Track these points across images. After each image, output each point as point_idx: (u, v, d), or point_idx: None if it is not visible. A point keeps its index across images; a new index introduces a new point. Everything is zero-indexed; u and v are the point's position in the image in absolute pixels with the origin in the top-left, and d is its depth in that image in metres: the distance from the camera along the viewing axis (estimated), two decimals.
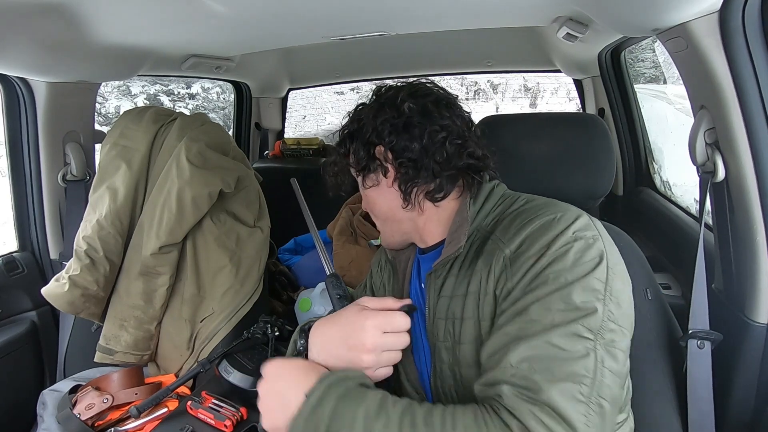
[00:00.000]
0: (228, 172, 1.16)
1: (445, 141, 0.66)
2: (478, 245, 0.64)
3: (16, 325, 1.21)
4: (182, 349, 1.12)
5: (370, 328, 0.61)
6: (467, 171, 0.68)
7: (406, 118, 0.67)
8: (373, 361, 0.60)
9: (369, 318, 0.61)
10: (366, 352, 0.60)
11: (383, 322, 0.62)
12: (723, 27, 0.72)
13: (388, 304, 0.65)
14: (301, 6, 1.01)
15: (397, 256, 0.80)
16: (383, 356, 0.61)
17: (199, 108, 6.11)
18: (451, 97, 0.72)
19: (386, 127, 0.67)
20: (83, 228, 1.11)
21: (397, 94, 0.69)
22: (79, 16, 0.91)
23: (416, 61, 2.22)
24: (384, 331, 0.61)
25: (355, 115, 0.73)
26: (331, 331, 0.64)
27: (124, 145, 1.15)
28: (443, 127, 0.67)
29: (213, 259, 1.14)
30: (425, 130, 0.66)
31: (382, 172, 0.70)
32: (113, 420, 0.97)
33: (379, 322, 0.61)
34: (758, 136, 0.74)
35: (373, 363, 0.61)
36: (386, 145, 0.68)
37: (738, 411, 0.81)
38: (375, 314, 0.62)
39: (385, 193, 0.71)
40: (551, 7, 1.10)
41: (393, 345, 0.62)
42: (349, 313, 0.64)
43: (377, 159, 0.69)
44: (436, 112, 0.67)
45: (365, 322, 0.61)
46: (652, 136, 1.67)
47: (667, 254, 1.33)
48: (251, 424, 0.89)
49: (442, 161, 0.66)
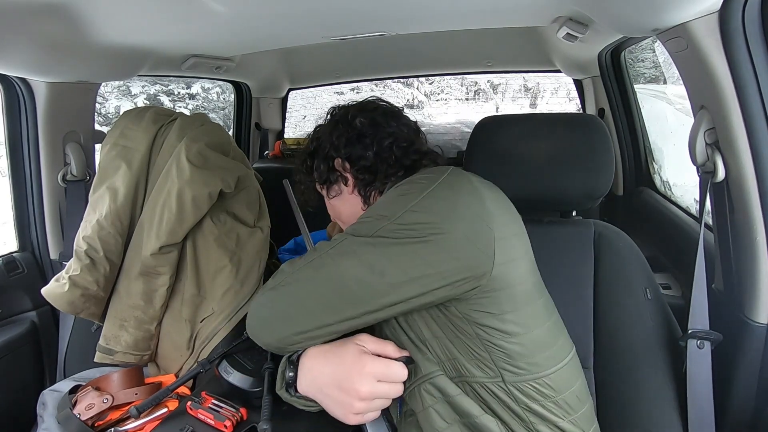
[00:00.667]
0: (228, 172, 1.16)
1: (392, 146, 0.75)
2: None
3: (16, 325, 1.21)
4: (182, 350, 1.12)
5: (367, 375, 0.60)
6: (415, 168, 0.75)
7: (359, 131, 0.76)
8: (365, 407, 0.61)
9: (368, 365, 0.61)
10: (359, 400, 0.60)
11: (381, 371, 0.61)
12: (723, 27, 0.72)
13: (388, 351, 0.64)
14: (301, 6, 1.01)
15: None
16: (374, 403, 0.61)
17: (199, 108, 6.11)
18: (397, 109, 0.82)
19: (342, 141, 0.77)
20: (83, 228, 1.11)
21: (348, 111, 0.80)
22: (79, 16, 0.91)
23: (416, 61, 2.22)
24: (380, 380, 0.61)
25: (313, 135, 0.83)
26: (325, 368, 0.63)
27: (124, 145, 1.15)
28: (390, 134, 0.76)
29: (213, 260, 1.14)
30: (375, 139, 0.75)
31: (342, 181, 0.79)
32: (113, 420, 0.97)
33: (378, 370, 0.61)
34: (758, 136, 0.74)
35: (364, 410, 0.61)
36: (343, 157, 0.77)
37: (738, 411, 0.81)
38: (374, 362, 0.61)
39: (348, 199, 0.79)
40: (551, 7, 1.10)
41: (386, 394, 0.62)
42: (348, 352, 0.63)
43: (337, 171, 0.79)
44: (383, 123, 0.77)
45: (363, 369, 0.60)
46: (652, 136, 1.67)
47: (667, 254, 1.33)
48: (251, 424, 0.89)
49: (393, 163, 0.75)
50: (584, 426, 0.66)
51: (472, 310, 0.61)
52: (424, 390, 0.65)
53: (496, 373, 0.62)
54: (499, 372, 0.62)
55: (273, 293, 0.67)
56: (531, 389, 0.62)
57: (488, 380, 0.62)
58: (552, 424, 0.63)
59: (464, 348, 0.63)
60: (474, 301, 0.61)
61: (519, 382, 0.62)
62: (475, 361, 0.63)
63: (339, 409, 0.62)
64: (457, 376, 0.64)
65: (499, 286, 0.60)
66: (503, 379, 0.62)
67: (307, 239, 0.97)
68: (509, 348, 0.61)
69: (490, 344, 0.61)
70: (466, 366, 0.63)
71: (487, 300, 0.60)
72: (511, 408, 0.63)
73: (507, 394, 0.62)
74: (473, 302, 0.61)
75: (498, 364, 0.62)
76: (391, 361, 0.62)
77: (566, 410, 0.64)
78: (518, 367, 0.62)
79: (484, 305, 0.61)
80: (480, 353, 0.62)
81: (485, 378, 0.63)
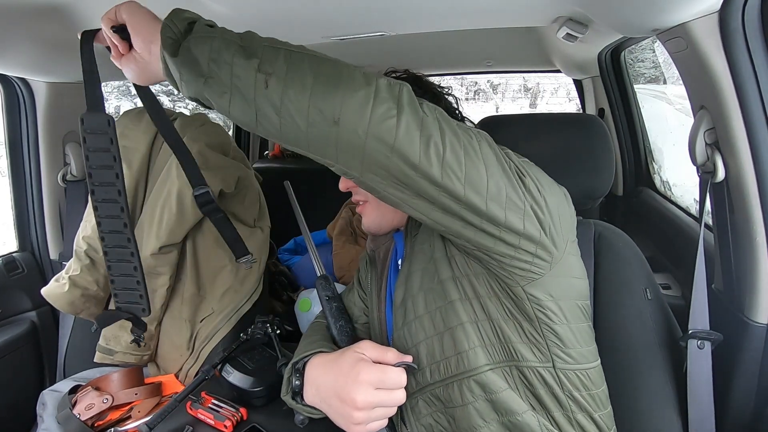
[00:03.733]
0: (228, 172, 1.16)
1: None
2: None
3: (16, 325, 1.21)
4: (182, 349, 1.12)
5: (363, 383, 0.59)
6: None
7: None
8: (364, 417, 0.59)
9: (362, 372, 0.60)
10: (356, 409, 0.59)
11: (377, 378, 0.60)
12: (723, 27, 0.72)
13: (388, 357, 0.63)
14: (301, 6, 1.01)
15: (376, 247, 0.80)
16: (375, 412, 0.60)
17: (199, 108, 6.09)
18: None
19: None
20: (83, 228, 1.11)
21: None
22: (79, 16, 0.91)
23: (416, 61, 2.21)
24: (377, 387, 0.59)
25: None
26: (326, 378, 0.63)
27: (124, 145, 1.14)
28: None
29: (213, 259, 1.14)
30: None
31: None
32: (113, 420, 0.97)
33: (374, 378, 0.60)
34: (758, 136, 0.74)
35: (364, 419, 0.59)
36: None
37: (738, 411, 0.81)
38: (369, 369, 0.60)
39: None
40: (551, 7, 1.10)
41: (385, 402, 0.60)
42: (346, 361, 0.62)
43: None
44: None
45: (358, 377, 0.59)
46: (652, 136, 1.67)
47: (667, 254, 1.33)
48: (251, 424, 0.89)
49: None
50: (609, 424, 0.68)
51: (537, 292, 0.61)
52: (466, 387, 0.64)
53: (548, 358, 0.63)
54: (551, 357, 0.62)
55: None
56: (576, 378, 0.64)
57: (539, 365, 0.63)
58: (588, 415, 0.65)
59: (519, 331, 0.63)
60: (541, 282, 0.61)
61: (567, 369, 0.63)
62: (529, 345, 0.63)
63: (341, 419, 0.61)
64: (506, 360, 0.63)
65: (561, 271, 0.62)
66: (554, 365, 0.63)
67: (307, 239, 0.97)
68: (564, 335, 0.62)
69: (548, 329, 0.62)
70: (519, 349, 0.63)
71: (552, 282, 0.61)
72: (556, 394, 0.63)
73: (555, 380, 0.63)
74: (539, 283, 0.61)
75: (551, 349, 0.62)
76: (388, 368, 0.61)
77: (598, 405, 0.66)
78: (568, 354, 0.63)
79: (549, 287, 0.61)
80: (536, 337, 0.62)
81: (537, 363, 0.63)
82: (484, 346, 0.63)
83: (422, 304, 0.67)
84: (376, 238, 0.81)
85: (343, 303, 0.81)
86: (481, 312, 0.64)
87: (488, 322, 0.64)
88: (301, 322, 1.37)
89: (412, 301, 0.68)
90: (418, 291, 0.67)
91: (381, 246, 0.79)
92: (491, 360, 0.63)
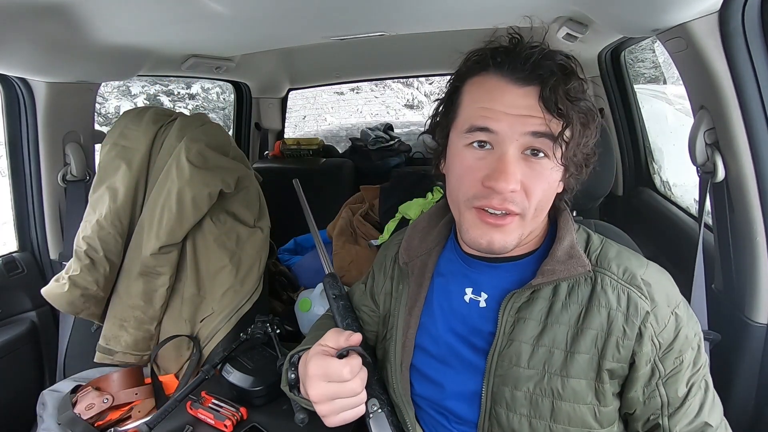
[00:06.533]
0: (228, 172, 1.16)
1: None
2: (585, 276, 0.60)
3: (16, 325, 1.21)
4: (182, 349, 1.12)
5: (312, 377, 0.57)
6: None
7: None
8: (327, 410, 0.56)
9: (310, 366, 0.57)
10: (315, 404, 0.57)
11: (323, 372, 0.56)
12: (723, 27, 0.72)
13: (340, 342, 0.59)
14: (301, 6, 1.01)
15: (410, 259, 0.72)
16: (336, 404, 0.56)
17: (199, 108, 6.11)
18: None
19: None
20: (83, 228, 1.11)
21: None
22: (79, 16, 0.91)
23: (416, 61, 2.22)
24: (328, 380, 0.56)
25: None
26: (304, 373, 0.61)
27: (124, 146, 1.15)
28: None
29: (213, 259, 1.14)
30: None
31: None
32: (113, 420, 0.97)
33: (319, 372, 0.56)
34: (758, 136, 0.74)
35: (326, 412, 0.56)
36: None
37: (738, 411, 0.81)
38: (316, 362, 0.57)
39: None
40: (551, 7, 1.10)
41: (340, 393, 0.56)
42: (309, 355, 0.59)
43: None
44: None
45: (308, 371, 0.57)
46: (652, 136, 1.67)
47: (667, 254, 1.33)
48: (251, 423, 0.89)
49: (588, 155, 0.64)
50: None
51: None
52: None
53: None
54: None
55: None
56: None
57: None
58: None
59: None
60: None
61: None
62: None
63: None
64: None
65: None
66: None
67: (315, 236, 0.97)
68: None
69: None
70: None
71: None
72: None
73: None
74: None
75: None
76: (331, 359, 0.57)
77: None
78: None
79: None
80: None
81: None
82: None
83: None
84: (410, 249, 0.72)
85: (350, 301, 0.80)
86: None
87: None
88: (301, 322, 1.37)
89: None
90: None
91: (416, 258, 0.71)
92: None
